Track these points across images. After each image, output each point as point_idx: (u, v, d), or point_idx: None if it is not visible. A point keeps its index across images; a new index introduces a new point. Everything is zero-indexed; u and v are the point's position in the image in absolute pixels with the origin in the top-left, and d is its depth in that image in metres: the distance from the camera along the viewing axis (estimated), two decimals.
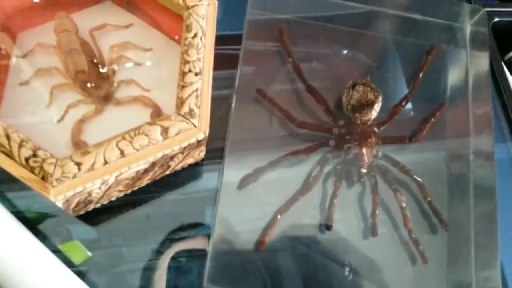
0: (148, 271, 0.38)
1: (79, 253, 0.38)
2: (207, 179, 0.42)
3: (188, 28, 0.36)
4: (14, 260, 0.35)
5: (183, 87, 0.35)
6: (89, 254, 0.38)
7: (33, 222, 0.39)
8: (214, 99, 0.39)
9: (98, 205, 0.38)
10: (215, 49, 0.38)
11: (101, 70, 0.40)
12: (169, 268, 0.39)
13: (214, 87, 0.45)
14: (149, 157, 0.33)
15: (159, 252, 0.39)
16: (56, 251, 0.38)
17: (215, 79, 0.45)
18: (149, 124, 0.33)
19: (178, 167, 0.40)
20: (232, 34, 0.46)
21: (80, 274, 0.37)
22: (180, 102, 0.34)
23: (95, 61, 0.40)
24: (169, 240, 0.40)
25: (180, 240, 0.40)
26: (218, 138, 0.41)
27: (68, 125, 0.38)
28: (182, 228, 0.40)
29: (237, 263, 0.38)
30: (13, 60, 0.40)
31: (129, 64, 0.41)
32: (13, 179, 0.31)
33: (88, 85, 0.39)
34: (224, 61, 0.44)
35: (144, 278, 0.38)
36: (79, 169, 0.31)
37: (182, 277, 0.39)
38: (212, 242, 0.37)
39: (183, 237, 0.40)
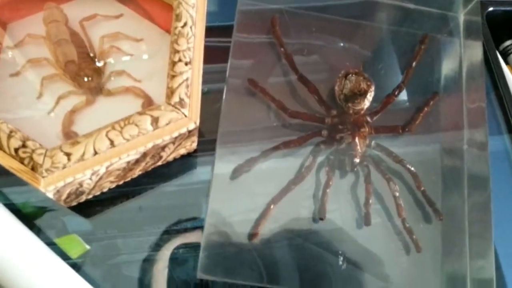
0: (144, 262, 0.38)
1: (77, 246, 0.38)
2: (201, 171, 0.42)
3: (178, 18, 0.36)
4: (8, 254, 0.34)
5: (173, 76, 0.34)
6: (87, 247, 0.38)
7: (28, 216, 0.39)
8: (206, 93, 0.39)
9: (90, 196, 0.38)
10: (209, 41, 0.38)
11: (91, 60, 0.40)
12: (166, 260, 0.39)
13: (209, 80, 0.45)
14: (139, 147, 0.32)
15: (155, 244, 0.39)
16: (52, 244, 0.38)
17: (209, 72, 0.45)
18: (139, 114, 0.33)
19: (170, 158, 0.39)
20: (225, 25, 0.46)
21: (76, 266, 0.37)
22: (170, 92, 0.34)
23: (86, 51, 0.40)
24: (165, 232, 0.40)
25: (179, 234, 0.40)
26: (213, 130, 0.41)
27: (59, 116, 0.38)
28: (177, 220, 0.40)
29: (231, 254, 0.38)
30: (3, 51, 0.40)
31: (120, 55, 0.41)
32: (5, 173, 0.31)
33: (79, 75, 0.38)
34: (219, 53, 0.44)
35: (140, 270, 0.38)
36: (68, 159, 0.31)
37: (179, 268, 0.39)
38: (204, 233, 0.37)
39: (179, 229, 0.40)
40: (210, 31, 0.40)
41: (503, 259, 0.41)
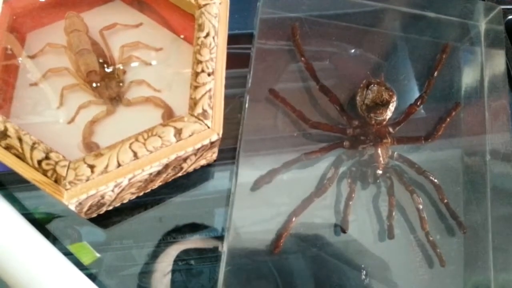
0: (159, 273, 0.38)
1: (87, 254, 0.38)
2: (218, 180, 0.42)
3: (200, 28, 0.36)
4: (25, 262, 0.34)
5: (196, 87, 0.34)
6: (97, 255, 0.38)
7: (43, 224, 0.38)
8: (225, 98, 0.38)
9: (110, 208, 0.38)
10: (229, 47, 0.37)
11: (111, 70, 0.40)
12: (179, 270, 0.38)
13: (225, 86, 0.44)
14: (162, 159, 0.32)
15: (170, 255, 0.39)
16: (66, 253, 0.37)
17: (225, 78, 0.45)
18: (162, 125, 0.32)
19: (191, 169, 0.39)
20: (242, 33, 0.46)
21: (91, 276, 0.37)
22: (193, 103, 0.33)
23: (106, 61, 0.40)
24: (181, 242, 0.39)
25: (194, 243, 0.39)
26: (229, 137, 0.40)
27: (79, 126, 0.37)
28: (192, 230, 0.40)
29: (250, 265, 0.37)
30: (23, 60, 0.40)
31: (139, 64, 0.41)
32: (21, 180, 0.31)
33: (99, 85, 0.38)
34: (234, 60, 0.44)
35: (155, 281, 0.38)
36: (92, 171, 0.31)
37: (194, 280, 0.38)
38: (227, 245, 0.36)
39: (195, 239, 0.40)
40: (228, 39, 0.40)
41: None
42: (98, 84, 0.38)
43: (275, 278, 0.38)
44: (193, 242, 0.39)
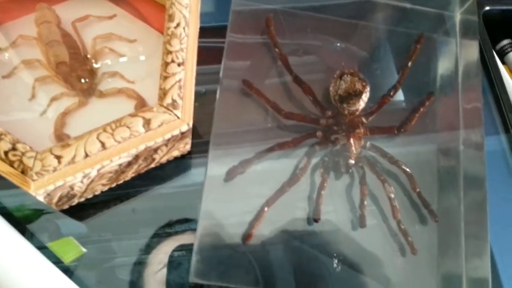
0: (138, 265, 0.38)
1: (72, 249, 0.38)
2: (196, 173, 0.42)
3: (171, 18, 0.36)
4: None
5: (166, 77, 0.34)
6: (83, 250, 0.38)
7: (20, 220, 0.38)
8: (204, 94, 0.38)
9: (82, 199, 0.38)
10: (204, 42, 0.37)
11: (84, 62, 0.40)
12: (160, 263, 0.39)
13: (205, 81, 0.44)
14: (131, 150, 0.32)
15: (149, 247, 0.39)
16: (44, 248, 0.37)
17: (204, 73, 0.45)
18: (131, 115, 0.33)
19: (164, 160, 0.39)
20: (222, 25, 0.46)
21: (70, 270, 0.37)
22: (163, 93, 0.34)
23: (78, 52, 0.40)
24: (159, 234, 0.39)
25: (173, 236, 0.39)
26: (209, 132, 0.40)
27: (51, 118, 0.37)
28: (171, 223, 0.40)
29: (225, 257, 0.37)
30: None
31: (113, 56, 0.41)
32: None
33: (71, 77, 0.38)
34: (215, 54, 0.44)
35: (135, 273, 0.38)
36: (59, 162, 0.31)
37: (173, 271, 0.38)
38: (197, 236, 0.36)
39: (174, 232, 0.40)
40: (206, 32, 0.40)
41: (499, 259, 0.41)
42: (70, 76, 0.38)
43: (254, 270, 0.38)
44: (187, 237, 0.39)
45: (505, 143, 0.47)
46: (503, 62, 0.59)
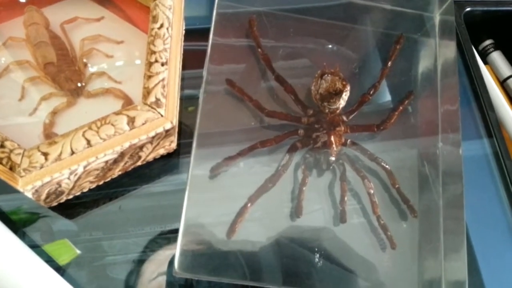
0: (129, 263, 0.39)
1: (67, 251, 0.39)
2: (182, 171, 0.43)
3: (155, 19, 0.37)
4: None
5: (150, 77, 0.35)
6: (78, 251, 0.39)
7: (11, 219, 0.39)
8: (193, 96, 0.38)
9: (70, 197, 0.39)
10: (191, 45, 0.38)
11: (72, 63, 0.41)
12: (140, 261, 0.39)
13: (191, 85, 0.45)
14: (116, 147, 0.33)
15: (139, 245, 0.40)
16: (37, 247, 0.38)
17: (193, 76, 0.46)
18: (116, 114, 0.34)
19: (150, 158, 0.40)
20: (208, 27, 0.47)
21: (61, 269, 0.38)
22: (147, 92, 0.35)
23: (66, 54, 0.41)
24: (149, 233, 0.40)
25: (162, 234, 0.40)
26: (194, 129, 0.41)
27: (40, 118, 0.39)
28: (160, 221, 0.41)
29: (210, 252, 0.38)
30: None
31: (101, 57, 0.42)
32: None
33: (59, 77, 0.39)
34: (202, 57, 0.45)
35: (125, 271, 0.39)
36: (46, 159, 0.32)
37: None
38: (181, 232, 0.36)
39: (163, 230, 0.40)
40: (193, 34, 0.40)
41: (477, 248, 0.43)
42: (58, 76, 0.39)
43: (241, 265, 0.39)
44: (168, 237, 0.40)
45: (486, 145, 0.49)
46: (486, 62, 0.61)
